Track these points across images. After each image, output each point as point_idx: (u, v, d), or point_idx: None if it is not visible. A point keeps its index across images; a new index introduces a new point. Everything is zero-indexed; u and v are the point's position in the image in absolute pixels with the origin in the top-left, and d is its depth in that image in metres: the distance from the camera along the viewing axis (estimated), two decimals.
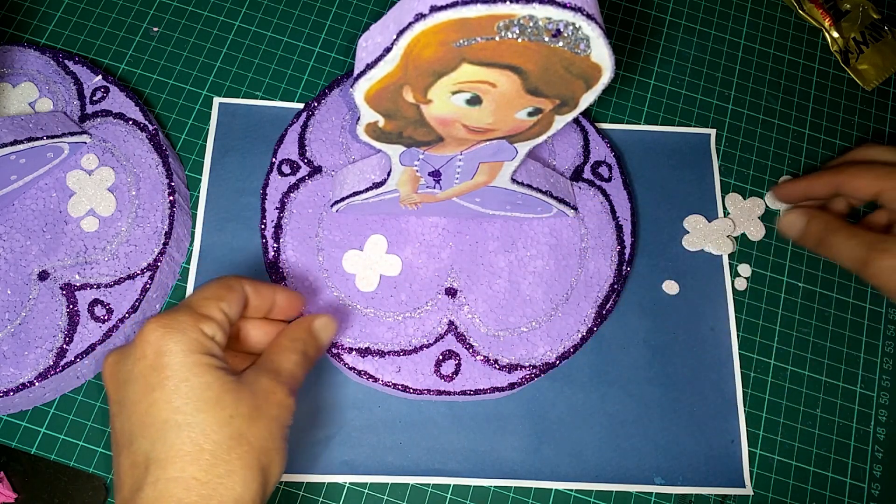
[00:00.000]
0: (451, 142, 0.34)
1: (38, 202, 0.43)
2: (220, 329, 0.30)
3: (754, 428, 0.45)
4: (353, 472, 0.42)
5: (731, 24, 0.55)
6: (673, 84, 0.53)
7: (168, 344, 0.28)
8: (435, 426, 0.43)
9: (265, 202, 0.45)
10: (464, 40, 0.26)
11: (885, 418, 0.46)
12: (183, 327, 0.29)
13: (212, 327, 0.30)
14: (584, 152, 0.47)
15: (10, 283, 0.41)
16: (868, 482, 0.45)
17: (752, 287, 0.48)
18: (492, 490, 0.43)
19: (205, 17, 0.51)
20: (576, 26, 0.26)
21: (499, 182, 0.40)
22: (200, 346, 0.29)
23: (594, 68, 0.28)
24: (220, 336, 0.30)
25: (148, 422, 0.28)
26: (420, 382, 0.42)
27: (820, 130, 0.52)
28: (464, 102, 0.30)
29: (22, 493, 0.40)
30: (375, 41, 0.28)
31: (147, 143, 0.45)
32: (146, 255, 0.42)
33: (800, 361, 0.47)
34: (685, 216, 0.48)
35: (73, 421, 0.42)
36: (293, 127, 0.47)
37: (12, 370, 0.40)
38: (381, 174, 0.40)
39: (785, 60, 0.54)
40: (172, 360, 0.28)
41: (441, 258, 0.44)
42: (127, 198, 0.43)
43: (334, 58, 0.51)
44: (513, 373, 0.42)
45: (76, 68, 0.46)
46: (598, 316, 0.44)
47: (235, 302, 0.32)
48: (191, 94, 0.49)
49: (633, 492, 0.43)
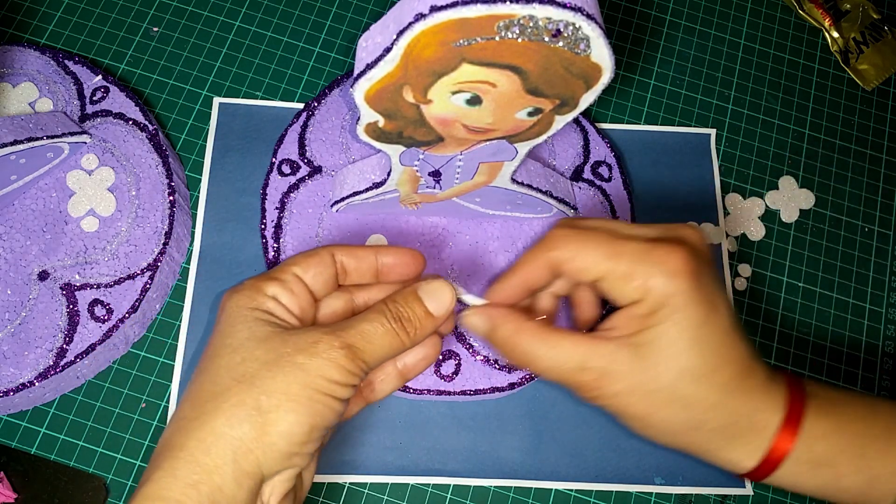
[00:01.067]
0: (451, 142, 0.34)
1: (38, 202, 0.43)
2: (283, 288, 0.31)
3: None
4: (353, 472, 0.42)
5: (731, 24, 0.55)
6: (673, 84, 0.53)
7: (226, 303, 0.31)
8: (435, 426, 0.43)
9: (265, 202, 0.45)
10: (464, 40, 0.26)
11: None
12: (241, 288, 0.31)
13: (273, 287, 0.31)
14: (584, 152, 0.47)
15: (10, 283, 0.41)
16: None
17: (752, 287, 0.48)
18: (492, 490, 0.43)
19: (205, 17, 0.51)
20: (576, 26, 0.26)
21: (499, 182, 0.40)
22: (251, 301, 0.30)
23: (594, 68, 0.28)
24: (285, 294, 0.31)
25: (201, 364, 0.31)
26: (420, 382, 0.42)
27: (820, 130, 0.52)
28: (464, 102, 0.30)
29: (22, 493, 0.40)
30: (375, 41, 0.28)
31: (147, 143, 0.45)
32: (146, 255, 0.42)
33: (800, 361, 0.47)
34: (685, 216, 0.48)
35: (73, 421, 0.42)
36: (293, 127, 0.47)
37: (12, 370, 0.40)
38: (381, 174, 0.40)
39: (785, 60, 0.54)
40: (223, 316, 0.31)
41: (441, 258, 0.44)
42: (127, 198, 0.43)
43: (334, 58, 0.51)
44: (513, 373, 0.42)
45: (76, 68, 0.46)
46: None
47: (315, 265, 0.32)
48: (191, 94, 0.49)
49: (633, 492, 0.43)
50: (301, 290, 0.32)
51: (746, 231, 0.49)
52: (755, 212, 0.49)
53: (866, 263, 0.49)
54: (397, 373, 0.35)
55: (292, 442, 0.28)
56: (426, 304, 0.32)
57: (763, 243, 0.49)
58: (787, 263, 0.49)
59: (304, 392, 0.28)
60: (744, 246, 0.49)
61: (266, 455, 0.28)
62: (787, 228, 0.50)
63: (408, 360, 0.34)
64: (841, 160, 0.52)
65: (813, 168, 0.51)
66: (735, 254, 0.48)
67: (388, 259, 0.34)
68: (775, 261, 0.49)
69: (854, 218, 0.50)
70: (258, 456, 0.27)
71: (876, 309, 0.48)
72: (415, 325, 0.31)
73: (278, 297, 0.31)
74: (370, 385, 0.35)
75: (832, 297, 0.48)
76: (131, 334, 0.43)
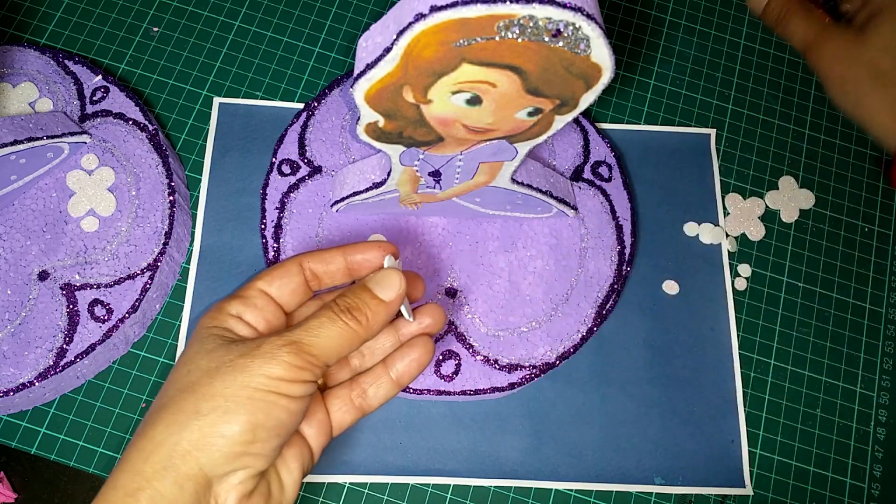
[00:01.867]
0: (451, 142, 0.34)
1: (38, 202, 0.43)
2: (245, 305, 0.32)
3: (754, 428, 0.45)
4: (353, 472, 0.42)
5: (731, 24, 0.55)
6: (673, 84, 0.53)
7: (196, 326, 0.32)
8: (435, 426, 0.43)
9: (265, 202, 0.45)
10: (464, 40, 0.26)
11: (885, 418, 0.46)
12: (208, 310, 0.32)
13: (236, 305, 0.32)
14: (584, 152, 0.47)
15: (10, 283, 0.41)
16: (868, 482, 0.45)
17: (752, 287, 0.48)
18: (492, 490, 0.43)
19: (205, 17, 0.51)
20: (576, 26, 0.26)
21: (499, 182, 0.40)
22: (213, 320, 0.31)
23: (594, 68, 0.28)
24: (248, 311, 0.32)
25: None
26: (420, 382, 0.42)
27: (820, 130, 0.52)
28: (464, 102, 0.30)
29: (22, 493, 0.40)
30: (375, 41, 0.28)
31: (147, 143, 0.45)
32: (146, 255, 0.42)
33: (800, 361, 0.47)
34: (685, 216, 0.48)
35: (73, 421, 0.42)
36: (293, 127, 0.47)
37: (12, 370, 0.40)
38: (381, 174, 0.40)
39: (785, 60, 0.54)
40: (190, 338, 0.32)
41: (441, 258, 0.44)
42: (127, 198, 0.43)
43: (334, 58, 0.51)
44: (513, 373, 0.42)
45: (76, 68, 0.46)
46: (598, 316, 0.44)
47: (279, 277, 0.33)
48: (191, 94, 0.49)
49: (633, 492, 0.43)
50: (265, 303, 0.32)
51: (746, 231, 0.49)
52: (755, 212, 0.49)
53: (866, 263, 0.49)
54: (390, 379, 0.34)
55: (234, 441, 0.28)
56: (374, 291, 0.32)
57: (763, 243, 0.49)
58: (787, 263, 0.49)
59: (242, 392, 0.28)
60: (744, 246, 0.49)
61: (208, 457, 0.28)
62: (787, 228, 0.50)
63: (399, 366, 0.34)
64: (841, 160, 0.52)
65: (813, 168, 0.51)
66: (735, 254, 0.48)
67: (357, 256, 0.34)
68: (775, 261, 0.49)
69: (854, 218, 0.50)
70: (198, 458, 0.27)
71: (876, 309, 0.48)
72: (364, 312, 0.31)
73: (241, 314, 0.32)
74: (361, 392, 0.34)
75: (832, 297, 0.48)
76: (131, 334, 0.43)
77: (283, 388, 0.29)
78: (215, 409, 0.28)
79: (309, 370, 0.29)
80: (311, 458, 0.32)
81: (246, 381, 0.28)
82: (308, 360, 0.29)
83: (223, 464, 0.28)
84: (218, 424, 0.28)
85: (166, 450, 0.28)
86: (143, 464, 0.28)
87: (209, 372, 0.29)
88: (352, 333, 0.30)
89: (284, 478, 0.31)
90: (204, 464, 0.28)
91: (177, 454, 0.28)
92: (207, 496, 0.28)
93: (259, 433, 0.28)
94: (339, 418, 0.34)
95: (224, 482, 0.28)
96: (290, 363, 0.29)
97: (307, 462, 0.32)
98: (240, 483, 0.29)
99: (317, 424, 0.33)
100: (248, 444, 0.28)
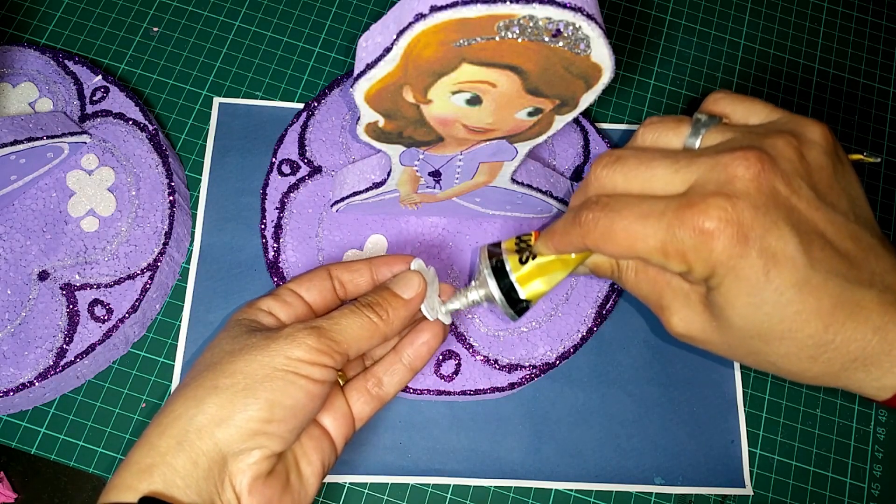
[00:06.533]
0: (451, 142, 0.34)
1: (38, 202, 0.43)
2: (276, 300, 0.34)
3: (754, 428, 0.45)
4: (353, 472, 0.42)
5: (731, 24, 0.55)
6: (673, 84, 0.53)
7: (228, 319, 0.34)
8: (435, 426, 0.43)
9: (265, 202, 0.45)
10: (464, 40, 0.26)
11: (885, 418, 0.46)
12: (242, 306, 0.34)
13: (268, 301, 0.34)
14: (584, 152, 0.47)
15: (10, 283, 0.41)
16: (868, 482, 0.45)
17: None
18: (492, 490, 0.43)
19: (205, 17, 0.51)
20: (576, 26, 0.26)
21: (499, 182, 0.40)
22: (244, 314, 0.33)
23: (594, 68, 0.28)
24: (278, 305, 0.33)
25: None
26: (420, 382, 0.42)
27: None
28: (464, 102, 0.30)
29: (22, 493, 0.40)
30: (375, 41, 0.28)
31: (147, 143, 0.45)
32: (146, 255, 0.42)
33: None
34: None
35: (73, 421, 0.42)
36: (293, 127, 0.47)
37: (12, 370, 0.40)
38: (381, 174, 0.40)
39: (785, 60, 0.54)
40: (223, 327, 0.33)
41: (441, 258, 0.44)
42: (127, 198, 0.43)
43: (334, 58, 0.51)
44: (513, 373, 0.42)
45: (76, 68, 0.46)
46: (598, 316, 0.44)
47: (308, 279, 0.35)
48: (191, 94, 0.49)
49: (633, 492, 0.43)
50: (295, 299, 0.34)
51: None
52: None
53: None
54: (403, 366, 0.35)
55: (251, 418, 0.28)
56: (395, 290, 0.33)
57: None
58: None
59: (262, 370, 0.29)
60: None
61: (224, 432, 0.28)
62: None
63: (409, 351, 0.35)
64: None
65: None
66: None
67: (384, 269, 0.35)
68: None
69: None
70: (214, 433, 0.28)
71: None
72: (384, 307, 0.32)
73: (272, 309, 0.33)
74: (377, 381, 0.35)
75: None
76: (131, 334, 0.43)
77: (303, 369, 0.29)
78: (234, 385, 0.28)
79: (329, 355, 0.30)
80: (333, 452, 0.33)
81: (266, 360, 0.29)
82: (329, 345, 0.30)
83: (239, 440, 0.28)
84: (236, 400, 0.28)
85: (182, 423, 0.28)
86: (159, 438, 0.28)
87: (232, 353, 0.30)
88: (372, 326, 0.32)
89: (304, 469, 0.31)
90: (220, 439, 0.28)
91: (192, 428, 0.28)
92: (222, 474, 0.28)
93: (276, 412, 0.29)
94: (359, 409, 0.34)
95: (239, 461, 0.28)
96: (310, 345, 0.30)
97: (328, 455, 0.33)
98: (255, 463, 0.29)
99: (338, 416, 0.33)
100: (265, 422, 0.28)
